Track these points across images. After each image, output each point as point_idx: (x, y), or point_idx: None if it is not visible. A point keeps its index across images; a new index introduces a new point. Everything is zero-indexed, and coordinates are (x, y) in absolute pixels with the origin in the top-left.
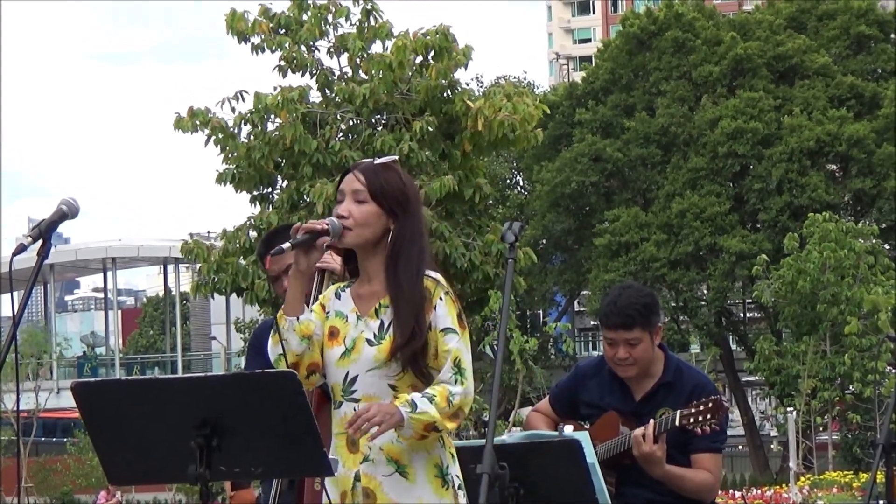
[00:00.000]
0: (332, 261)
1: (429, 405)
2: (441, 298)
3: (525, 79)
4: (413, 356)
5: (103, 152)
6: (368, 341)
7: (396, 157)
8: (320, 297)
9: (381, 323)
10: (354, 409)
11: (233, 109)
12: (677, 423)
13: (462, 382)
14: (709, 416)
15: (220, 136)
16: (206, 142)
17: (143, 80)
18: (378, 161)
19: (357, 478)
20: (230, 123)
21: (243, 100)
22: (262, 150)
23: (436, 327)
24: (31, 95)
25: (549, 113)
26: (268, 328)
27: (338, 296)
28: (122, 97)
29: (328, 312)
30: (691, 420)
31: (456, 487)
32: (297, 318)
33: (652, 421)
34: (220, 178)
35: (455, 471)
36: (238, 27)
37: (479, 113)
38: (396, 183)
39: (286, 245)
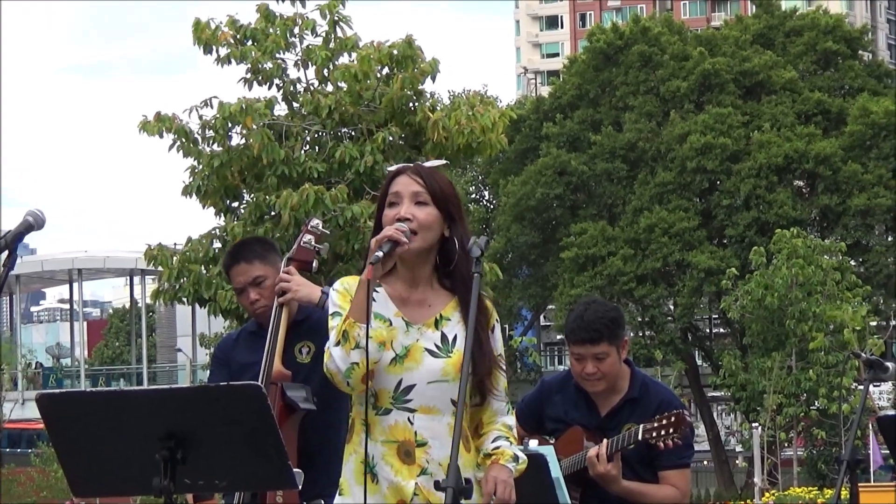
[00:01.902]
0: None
1: (520, 452)
2: (497, 321)
3: (487, 92)
4: (484, 375)
5: (71, 164)
6: (431, 352)
7: (445, 162)
8: (345, 290)
9: (444, 335)
10: (409, 420)
11: (200, 117)
12: (640, 437)
13: (512, 412)
14: (671, 430)
15: (184, 141)
16: (171, 146)
17: (114, 92)
18: (429, 164)
19: (416, 492)
20: (195, 129)
21: (211, 106)
22: (222, 157)
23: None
24: (2, 107)
25: (515, 119)
26: (232, 340)
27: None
28: (92, 109)
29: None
30: (654, 434)
31: None
32: (368, 323)
33: (605, 441)
34: (186, 191)
35: None
36: (203, 37)
37: (438, 123)
38: (451, 187)
39: (379, 254)
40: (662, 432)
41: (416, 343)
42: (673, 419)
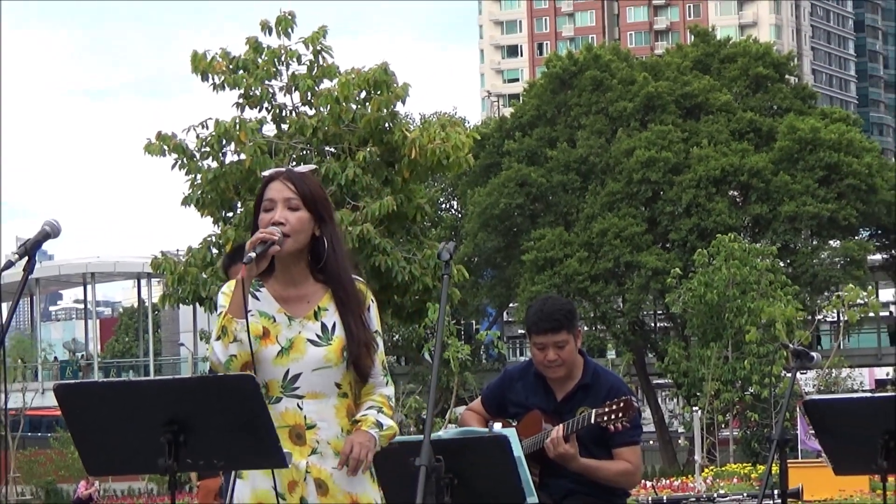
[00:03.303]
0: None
1: (387, 419)
2: (372, 302)
3: (456, 114)
4: (359, 356)
5: (83, 178)
6: (312, 342)
7: (315, 167)
8: (229, 290)
9: (323, 325)
10: (298, 405)
11: (197, 136)
12: (593, 420)
13: (390, 383)
14: (621, 415)
15: (184, 159)
16: (173, 166)
17: (119, 114)
18: (298, 169)
19: (308, 470)
20: (193, 146)
21: (207, 127)
22: (217, 172)
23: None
24: (18, 127)
25: (479, 139)
26: None
27: (254, 296)
28: (100, 128)
29: (250, 311)
30: (605, 418)
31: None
32: (247, 319)
33: (560, 426)
34: (186, 201)
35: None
36: (200, 66)
37: (414, 142)
38: (320, 190)
39: (252, 255)
40: (612, 416)
41: (299, 335)
42: (622, 404)
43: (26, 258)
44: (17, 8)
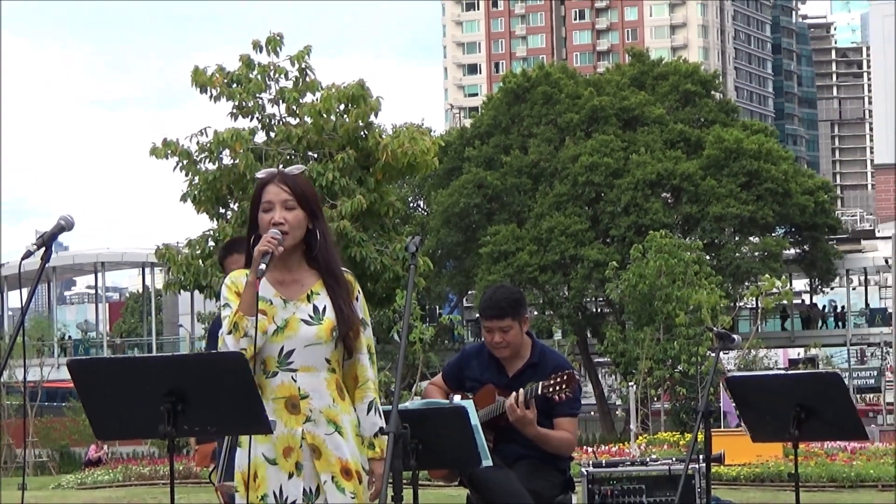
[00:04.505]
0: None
1: (377, 417)
2: (359, 293)
3: (423, 124)
4: (347, 335)
5: (97, 179)
6: (305, 321)
7: (305, 168)
8: (233, 284)
9: (315, 307)
10: (292, 378)
11: (197, 143)
12: (540, 391)
13: (375, 367)
14: (564, 386)
15: (185, 162)
16: (175, 167)
17: (130, 123)
18: (289, 170)
19: (303, 436)
20: (194, 151)
21: (206, 135)
22: (215, 174)
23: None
24: (39, 133)
25: (443, 146)
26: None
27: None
28: (113, 136)
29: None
30: (550, 389)
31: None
32: (256, 317)
33: (521, 390)
34: (184, 198)
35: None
36: (200, 80)
37: (387, 148)
38: (311, 189)
39: (262, 267)
40: (558, 388)
41: (293, 315)
42: (566, 377)
43: (44, 248)
44: (43, 29)
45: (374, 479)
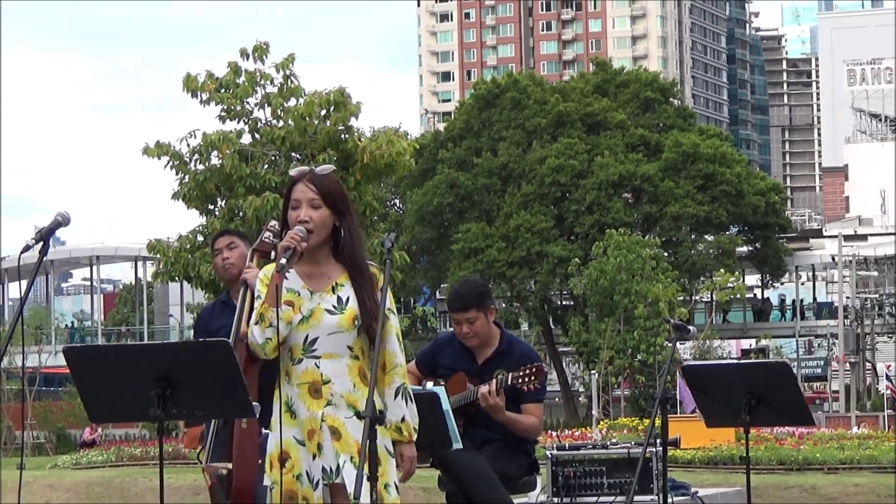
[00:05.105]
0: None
1: (403, 402)
2: (384, 282)
3: (400, 127)
4: (370, 326)
5: (92, 177)
6: (329, 311)
7: (334, 167)
8: (265, 276)
9: (339, 298)
10: (316, 364)
11: (188, 144)
12: (509, 382)
13: (403, 353)
14: (533, 378)
15: (177, 162)
16: (165, 166)
17: (126, 126)
18: (318, 170)
19: (323, 419)
20: (185, 152)
21: (196, 137)
22: (205, 174)
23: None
24: (44, 137)
25: (418, 149)
26: (209, 309)
27: (284, 276)
28: (108, 138)
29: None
30: (520, 380)
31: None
32: (278, 308)
33: (493, 380)
34: (175, 196)
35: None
36: (191, 86)
37: (365, 149)
38: (339, 188)
39: (283, 261)
40: (526, 379)
41: (318, 306)
42: (535, 370)
43: (42, 243)
44: (47, 37)
45: (404, 462)
